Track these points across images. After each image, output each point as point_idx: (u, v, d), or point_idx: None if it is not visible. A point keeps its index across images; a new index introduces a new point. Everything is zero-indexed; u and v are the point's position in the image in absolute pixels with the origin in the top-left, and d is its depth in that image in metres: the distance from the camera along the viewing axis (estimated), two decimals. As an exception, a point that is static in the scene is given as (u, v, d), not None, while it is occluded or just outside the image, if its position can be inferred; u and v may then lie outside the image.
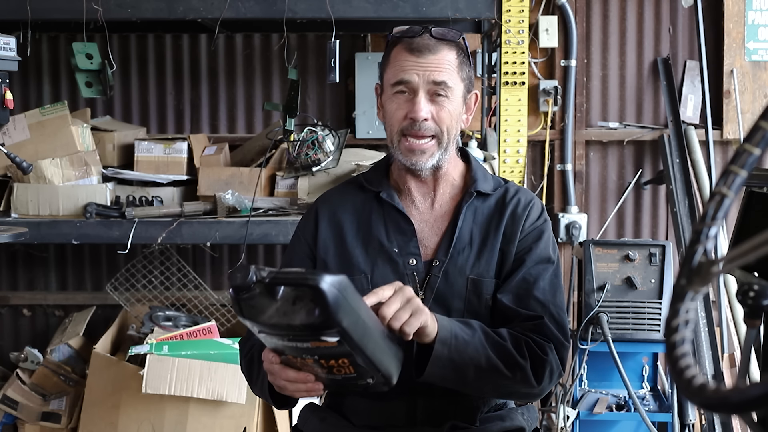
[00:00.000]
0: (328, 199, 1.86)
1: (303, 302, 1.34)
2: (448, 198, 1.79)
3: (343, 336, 1.36)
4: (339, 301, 1.33)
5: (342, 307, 1.33)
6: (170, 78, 4.03)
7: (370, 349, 1.41)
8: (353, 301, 1.37)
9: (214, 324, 3.31)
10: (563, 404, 3.15)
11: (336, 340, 1.36)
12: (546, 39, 3.92)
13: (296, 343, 1.40)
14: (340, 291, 1.33)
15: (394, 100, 1.70)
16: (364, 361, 1.42)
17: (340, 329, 1.34)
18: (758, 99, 3.92)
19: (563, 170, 3.97)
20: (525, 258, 1.72)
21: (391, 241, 1.75)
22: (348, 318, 1.35)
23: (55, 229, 3.13)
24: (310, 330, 1.35)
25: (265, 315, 1.36)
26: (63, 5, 3.05)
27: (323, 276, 1.32)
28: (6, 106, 2.69)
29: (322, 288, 1.31)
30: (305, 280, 1.33)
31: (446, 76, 1.67)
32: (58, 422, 3.31)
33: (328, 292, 1.31)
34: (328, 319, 1.33)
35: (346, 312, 1.34)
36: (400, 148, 1.71)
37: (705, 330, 3.48)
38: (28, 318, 4.09)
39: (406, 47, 1.68)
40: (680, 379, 0.83)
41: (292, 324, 1.35)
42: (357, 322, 1.37)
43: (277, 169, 3.35)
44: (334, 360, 1.42)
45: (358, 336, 1.38)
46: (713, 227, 0.91)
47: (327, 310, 1.32)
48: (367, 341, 1.40)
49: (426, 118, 1.67)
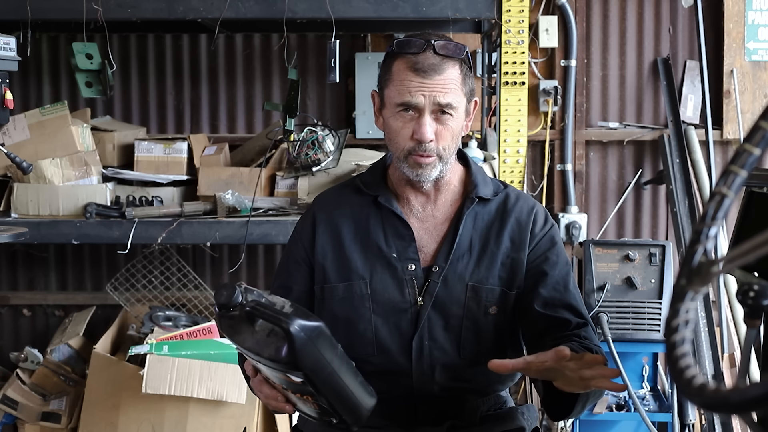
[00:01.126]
0: (325, 202, 1.85)
1: (275, 338, 1.39)
2: (448, 204, 1.78)
3: (307, 379, 1.41)
4: (306, 348, 1.38)
5: (308, 354, 1.38)
6: (170, 78, 4.03)
7: (335, 396, 1.46)
8: (324, 349, 1.42)
9: (214, 324, 3.31)
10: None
11: (300, 381, 1.42)
12: (546, 39, 3.92)
13: (269, 370, 1.46)
14: (311, 338, 1.38)
15: (398, 118, 1.68)
16: (328, 403, 1.47)
17: (304, 373, 1.40)
18: (758, 99, 3.92)
19: (563, 170, 3.97)
20: (546, 268, 1.74)
21: (390, 246, 1.74)
22: (313, 365, 1.40)
23: (55, 229, 3.13)
24: (278, 364, 1.41)
25: (241, 337, 1.42)
26: (63, 5, 3.05)
27: (297, 320, 1.38)
28: (6, 106, 2.69)
29: (291, 332, 1.36)
30: (278, 321, 1.38)
31: (451, 98, 1.65)
32: (58, 422, 3.31)
33: (297, 338, 1.37)
34: (292, 362, 1.38)
35: (312, 359, 1.40)
36: (407, 162, 1.69)
37: (705, 330, 3.48)
38: (28, 318, 4.09)
39: (410, 67, 1.65)
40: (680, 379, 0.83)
41: (262, 355, 1.40)
42: (323, 369, 1.42)
43: (277, 169, 3.35)
44: (300, 394, 1.48)
45: (321, 382, 1.43)
46: (713, 227, 0.91)
47: (292, 353, 1.37)
48: (333, 388, 1.45)
49: (432, 139, 1.66)
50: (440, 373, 1.71)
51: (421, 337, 1.71)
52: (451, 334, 1.72)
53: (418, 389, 1.72)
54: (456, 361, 1.72)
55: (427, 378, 1.71)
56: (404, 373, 1.71)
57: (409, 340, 1.71)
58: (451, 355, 1.71)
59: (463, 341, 1.72)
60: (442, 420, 1.72)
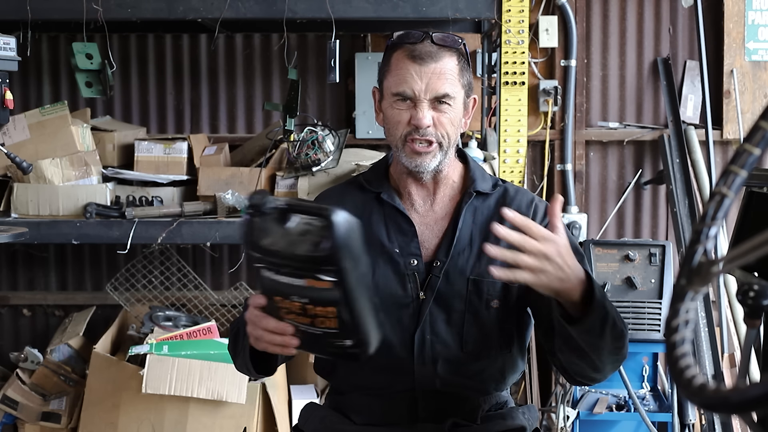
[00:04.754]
0: (327, 199, 1.86)
1: (311, 234, 1.35)
2: (447, 199, 1.79)
3: (340, 277, 1.35)
4: (347, 239, 1.34)
5: (348, 246, 1.35)
6: (170, 78, 4.03)
7: (359, 305, 1.40)
8: (358, 246, 1.38)
9: (214, 324, 3.31)
10: (563, 404, 3.15)
11: (331, 281, 1.36)
12: (546, 39, 3.92)
13: (291, 279, 1.39)
14: (351, 230, 1.35)
15: (396, 107, 1.70)
16: (349, 315, 1.39)
17: (340, 268, 1.35)
18: (758, 99, 3.92)
19: (563, 170, 3.97)
20: None
21: (392, 241, 1.75)
22: (350, 260, 1.35)
23: (55, 229, 3.13)
24: (311, 263, 1.36)
25: (270, 240, 1.38)
26: (63, 5, 3.05)
27: (338, 210, 1.35)
28: (6, 106, 2.69)
29: (334, 220, 1.33)
30: (321, 211, 1.35)
31: (448, 88, 1.68)
32: (58, 422, 3.31)
33: (340, 226, 1.33)
34: (332, 254, 1.34)
35: (350, 253, 1.35)
36: (404, 150, 1.71)
37: (705, 330, 3.48)
38: (28, 318, 4.09)
39: (408, 54, 1.68)
40: (680, 379, 0.83)
41: (295, 253, 1.36)
42: (356, 268, 1.37)
43: (277, 169, 3.35)
44: (321, 307, 1.39)
45: (353, 283, 1.37)
46: (713, 227, 0.91)
47: (334, 243, 1.33)
48: (359, 295, 1.39)
49: (429, 125, 1.68)
50: (442, 368, 1.72)
51: (423, 332, 1.71)
52: (453, 328, 1.72)
53: (419, 384, 1.72)
54: (458, 356, 1.72)
55: (429, 372, 1.72)
56: (406, 368, 1.71)
57: (412, 335, 1.72)
58: (454, 350, 1.72)
59: (465, 335, 1.72)
60: (444, 417, 1.73)
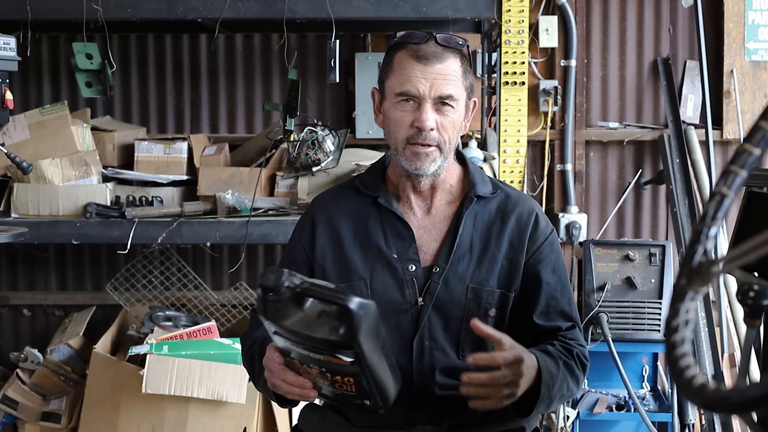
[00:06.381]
0: (324, 203, 1.84)
1: (329, 318, 1.37)
2: (445, 203, 1.78)
3: (359, 359, 1.39)
4: (364, 326, 1.36)
5: (365, 333, 1.36)
6: (170, 78, 4.03)
7: (379, 376, 1.44)
8: (376, 328, 1.40)
9: (214, 324, 3.31)
10: (563, 404, 3.15)
11: (350, 360, 1.39)
12: (546, 39, 3.92)
13: (309, 353, 1.43)
14: (367, 316, 1.37)
15: (398, 108, 1.68)
16: (368, 384, 1.44)
17: (359, 352, 1.37)
18: (758, 99, 3.92)
19: (563, 170, 3.97)
20: (544, 275, 1.75)
21: (390, 246, 1.74)
22: (368, 344, 1.38)
23: (55, 229, 3.13)
24: (329, 346, 1.38)
25: (288, 320, 1.39)
26: (63, 5, 3.05)
27: (354, 298, 1.36)
28: (6, 106, 2.69)
29: (351, 309, 1.34)
30: (337, 299, 1.36)
31: (452, 89, 1.67)
32: (58, 422, 3.31)
33: (357, 315, 1.35)
34: (350, 341, 1.36)
35: (368, 337, 1.38)
36: (405, 154, 1.69)
37: (705, 330, 3.48)
38: (28, 318, 4.09)
39: (412, 55, 1.67)
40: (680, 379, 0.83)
41: (313, 336, 1.38)
42: (374, 349, 1.41)
43: (277, 169, 3.35)
44: (340, 376, 1.45)
45: (372, 362, 1.41)
46: (713, 227, 0.91)
47: (351, 331, 1.35)
48: (379, 368, 1.44)
49: (432, 128, 1.66)
50: (440, 374, 1.71)
51: (422, 338, 1.71)
52: (451, 335, 1.72)
53: (418, 390, 1.71)
54: (456, 363, 1.72)
55: (428, 378, 1.71)
56: (405, 374, 1.71)
57: (410, 341, 1.71)
58: (451, 357, 1.72)
59: (462, 343, 1.72)
60: (442, 420, 1.72)
